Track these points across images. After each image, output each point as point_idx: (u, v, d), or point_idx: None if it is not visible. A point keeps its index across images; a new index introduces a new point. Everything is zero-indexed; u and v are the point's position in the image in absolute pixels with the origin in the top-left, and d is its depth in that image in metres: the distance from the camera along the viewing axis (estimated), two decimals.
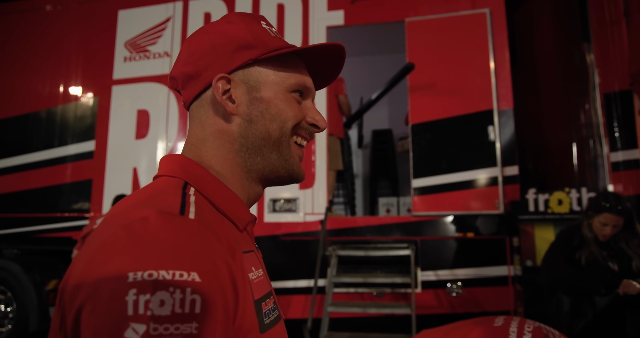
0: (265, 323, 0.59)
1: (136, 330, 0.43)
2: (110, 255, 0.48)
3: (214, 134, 0.70)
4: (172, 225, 0.52)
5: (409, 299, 3.65)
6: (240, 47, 0.69)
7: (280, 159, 0.71)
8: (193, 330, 0.45)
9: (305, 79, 0.74)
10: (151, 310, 0.44)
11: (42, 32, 5.09)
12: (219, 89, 0.68)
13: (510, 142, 3.80)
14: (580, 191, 3.54)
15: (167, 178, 0.66)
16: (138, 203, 0.57)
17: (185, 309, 0.45)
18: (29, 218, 4.71)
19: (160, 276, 0.46)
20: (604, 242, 2.54)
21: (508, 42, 3.96)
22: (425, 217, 3.82)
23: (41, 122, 4.89)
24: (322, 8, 4.40)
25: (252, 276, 0.60)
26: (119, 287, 0.45)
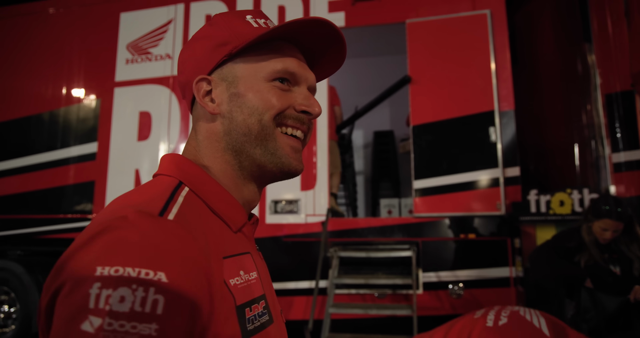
0: (249, 329, 0.58)
1: (92, 323, 0.43)
2: (86, 249, 0.49)
3: (204, 135, 0.71)
4: (147, 225, 0.52)
5: (410, 300, 3.65)
6: (217, 45, 0.69)
7: (266, 154, 0.68)
8: (152, 332, 0.44)
9: (288, 64, 0.70)
10: (110, 305, 0.44)
11: (45, 35, 5.11)
12: (199, 91, 0.69)
13: (511, 143, 3.79)
14: (582, 192, 3.53)
15: (163, 178, 0.66)
16: (125, 202, 0.57)
17: (146, 308, 0.45)
18: (31, 220, 4.73)
19: (126, 273, 0.46)
20: (605, 245, 2.54)
21: (509, 43, 3.96)
22: (427, 218, 3.82)
23: (44, 124, 4.92)
24: (323, 10, 4.40)
25: (235, 282, 0.59)
26: (86, 280, 0.46)
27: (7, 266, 4.39)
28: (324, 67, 0.80)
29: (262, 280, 0.67)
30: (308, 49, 0.75)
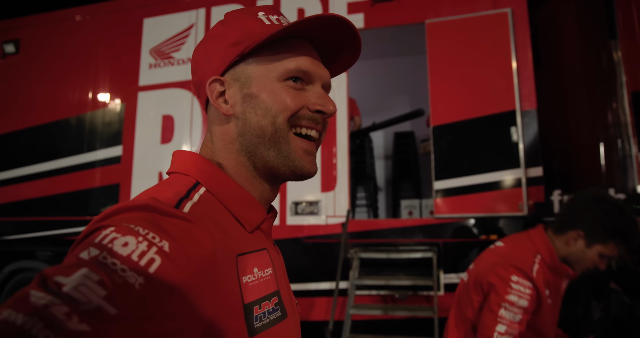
0: (256, 326, 0.58)
1: (90, 252, 0.46)
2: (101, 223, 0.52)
3: (218, 136, 0.71)
4: (160, 209, 0.54)
5: (431, 302, 3.63)
6: (229, 45, 0.68)
7: (279, 157, 0.68)
8: (136, 284, 0.44)
9: (302, 63, 0.68)
10: (112, 244, 0.46)
11: (72, 42, 5.26)
12: (212, 93, 0.69)
13: (533, 143, 3.74)
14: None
15: (180, 176, 0.67)
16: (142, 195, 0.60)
17: (142, 261, 0.46)
18: (60, 221, 4.86)
19: (136, 228, 0.49)
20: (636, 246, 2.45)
21: (531, 41, 3.90)
22: (448, 219, 3.79)
23: (71, 129, 5.06)
24: (342, 11, 4.42)
25: (247, 279, 0.59)
26: (103, 225, 0.50)
27: (37, 266, 4.53)
28: (339, 62, 0.78)
29: (276, 275, 0.67)
30: (322, 45, 0.73)
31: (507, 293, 1.52)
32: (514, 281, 1.53)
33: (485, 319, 1.55)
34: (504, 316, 1.50)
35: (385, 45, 5.96)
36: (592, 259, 1.58)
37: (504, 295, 1.52)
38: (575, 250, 1.60)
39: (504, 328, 1.48)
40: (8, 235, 4.98)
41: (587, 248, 1.57)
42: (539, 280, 1.55)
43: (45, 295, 0.40)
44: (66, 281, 0.42)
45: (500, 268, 1.58)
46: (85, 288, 0.42)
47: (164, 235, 0.50)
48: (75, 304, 0.40)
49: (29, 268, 4.58)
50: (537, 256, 1.60)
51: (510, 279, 1.54)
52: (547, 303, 1.60)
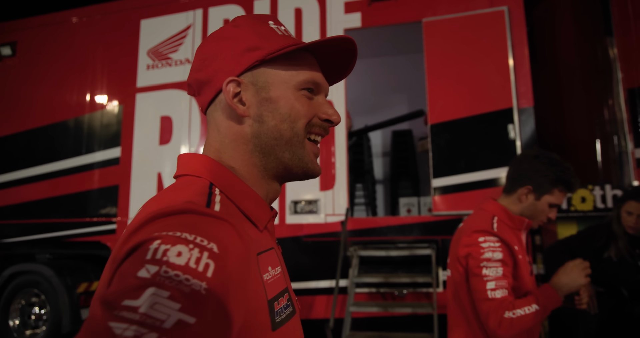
0: (277, 321, 0.61)
1: (149, 270, 0.46)
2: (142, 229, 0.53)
3: (230, 136, 0.72)
4: (199, 211, 0.56)
5: (430, 298, 3.65)
6: (247, 49, 0.71)
7: (294, 159, 0.72)
8: (202, 290, 0.46)
9: (314, 75, 0.74)
10: (167, 257, 0.47)
11: (69, 44, 5.26)
12: (229, 93, 0.70)
13: (530, 140, 3.76)
14: (604, 189, 3.49)
15: (193, 178, 0.68)
16: (166, 200, 0.60)
17: (199, 267, 0.48)
18: (59, 223, 4.87)
19: (183, 236, 0.50)
20: (637, 239, 2.45)
21: (527, 39, 3.92)
22: (446, 216, 3.82)
23: (69, 131, 5.06)
24: (339, 11, 4.44)
25: (267, 277, 0.62)
26: (147, 239, 0.50)
27: (37, 269, 4.53)
28: (329, 76, 0.83)
29: (283, 272, 0.70)
30: (321, 58, 0.78)
31: (481, 253, 1.61)
32: (482, 241, 1.63)
33: (475, 285, 1.61)
34: (488, 274, 1.58)
35: (382, 44, 5.97)
36: (544, 210, 1.72)
37: (479, 256, 1.61)
38: (528, 204, 1.73)
39: (493, 284, 1.56)
40: (8, 238, 4.99)
41: (537, 200, 1.72)
42: (502, 234, 1.66)
43: (128, 325, 0.41)
44: (139, 303, 0.43)
45: (465, 238, 1.69)
46: (160, 306, 0.43)
47: (209, 237, 0.52)
48: (159, 324, 0.42)
49: (29, 270, 4.58)
50: (494, 218, 1.72)
51: (477, 241, 1.64)
52: (519, 259, 1.68)
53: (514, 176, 1.78)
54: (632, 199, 2.40)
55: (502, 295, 1.55)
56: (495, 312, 1.53)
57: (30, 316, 4.58)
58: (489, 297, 1.55)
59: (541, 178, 1.69)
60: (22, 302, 4.60)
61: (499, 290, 1.55)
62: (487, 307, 1.55)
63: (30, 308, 4.59)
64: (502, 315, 1.52)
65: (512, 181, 1.78)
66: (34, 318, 4.57)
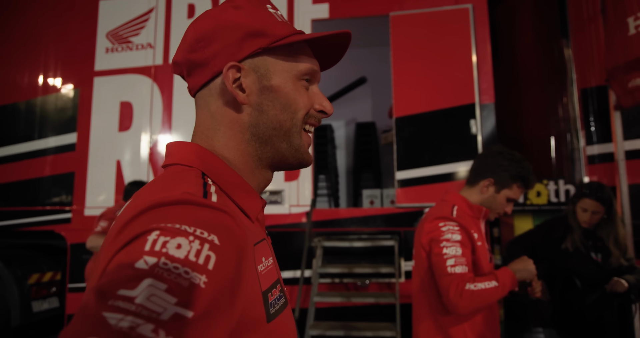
0: (271, 312, 0.60)
1: (147, 261, 0.44)
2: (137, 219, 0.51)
3: (225, 124, 0.70)
4: (198, 202, 0.54)
5: (393, 289, 3.73)
6: (249, 34, 0.68)
7: (291, 149, 0.71)
8: (201, 283, 0.45)
9: (313, 65, 0.73)
10: (167, 249, 0.46)
11: (21, 22, 4.97)
12: (229, 78, 0.67)
13: (491, 135, 3.89)
14: (557, 183, 3.66)
15: (184, 168, 0.66)
16: (161, 189, 0.58)
17: (200, 260, 0.47)
18: (9, 212, 4.64)
19: (183, 228, 0.49)
20: (590, 232, 2.57)
21: (490, 37, 4.04)
22: (409, 208, 3.90)
23: (20, 114, 4.81)
24: (307, 1, 4.41)
25: (260, 268, 0.62)
26: (146, 229, 0.48)
27: None
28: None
29: (275, 264, 0.70)
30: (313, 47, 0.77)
31: (441, 235, 1.71)
32: (442, 225, 1.73)
33: (435, 264, 1.69)
34: (447, 253, 1.67)
35: None
36: (502, 203, 1.83)
37: (440, 237, 1.70)
38: (487, 196, 1.84)
39: (452, 260, 1.64)
40: None
41: (496, 193, 1.83)
42: (461, 220, 1.76)
43: (123, 315, 0.39)
44: (135, 294, 0.41)
45: (427, 225, 1.79)
46: (157, 298, 0.42)
47: (210, 228, 0.50)
48: (155, 316, 0.40)
49: None
50: (454, 207, 1.82)
51: (438, 226, 1.74)
52: (477, 246, 1.78)
53: (477, 169, 1.88)
54: (586, 197, 2.54)
55: (462, 271, 1.63)
56: (455, 285, 1.60)
57: None
58: (449, 272, 1.63)
59: (503, 173, 1.79)
60: None
61: (458, 266, 1.63)
62: (448, 281, 1.62)
63: None
64: (463, 287, 1.59)
65: (475, 174, 1.88)
66: None
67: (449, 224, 1.73)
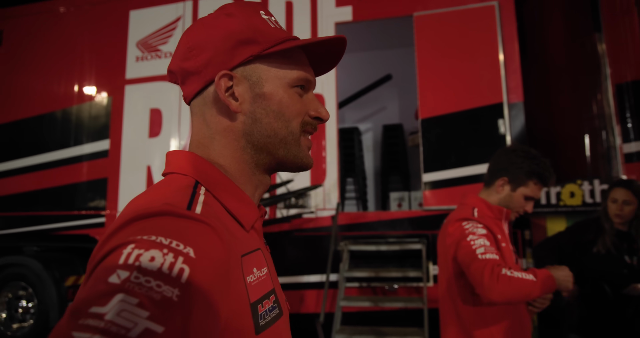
0: (261, 324, 0.60)
1: (119, 275, 0.44)
2: (119, 232, 0.52)
3: (220, 132, 0.70)
4: (177, 214, 0.54)
5: (421, 293, 3.67)
6: (241, 42, 0.67)
7: (288, 155, 0.71)
8: (174, 297, 0.45)
9: (307, 72, 0.72)
10: (139, 262, 0.46)
11: (57, 34, 5.18)
12: (221, 87, 0.67)
13: (520, 135, 3.78)
14: (592, 183, 3.52)
15: (179, 176, 0.66)
16: (148, 200, 0.58)
17: (173, 273, 0.46)
18: (47, 216, 4.82)
19: (158, 240, 0.48)
20: (625, 233, 2.43)
21: (517, 34, 3.93)
22: (437, 211, 3.83)
23: (57, 123, 5.00)
24: (331, 4, 4.41)
25: (250, 279, 0.61)
26: (122, 242, 0.49)
27: (25, 262, 4.48)
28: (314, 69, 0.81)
29: (271, 273, 0.69)
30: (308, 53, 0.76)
31: (467, 233, 1.66)
32: (465, 225, 1.70)
33: (465, 255, 1.62)
34: (477, 243, 1.62)
35: (373, 37, 5.96)
36: (519, 201, 1.78)
37: (466, 237, 1.66)
38: (504, 196, 1.80)
39: (482, 249, 1.59)
40: None
41: (512, 192, 1.79)
42: (483, 220, 1.72)
43: (91, 334, 0.40)
44: (106, 310, 0.41)
45: (450, 228, 1.76)
46: (127, 313, 0.41)
47: (186, 240, 0.50)
48: (124, 332, 0.40)
49: (16, 263, 4.53)
50: (474, 210, 1.78)
51: (461, 226, 1.71)
52: (501, 247, 1.73)
53: (492, 169, 1.86)
54: (618, 186, 2.43)
55: (494, 258, 1.55)
56: (490, 268, 1.52)
57: (18, 309, 4.54)
58: (480, 258, 1.56)
59: (516, 170, 1.76)
60: (9, 295, 4.55)
61: (489, 254, 1.57)
62: (482, 265, 1.53)
63: (18, 302, 4.54)
64: (499, 271, 1.50)
65: (490, 174, 1.86)
66: (21, 311, 4.53)
67: (472, 224, 1.70)
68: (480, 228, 1.67)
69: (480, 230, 1.66)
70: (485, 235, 1.65)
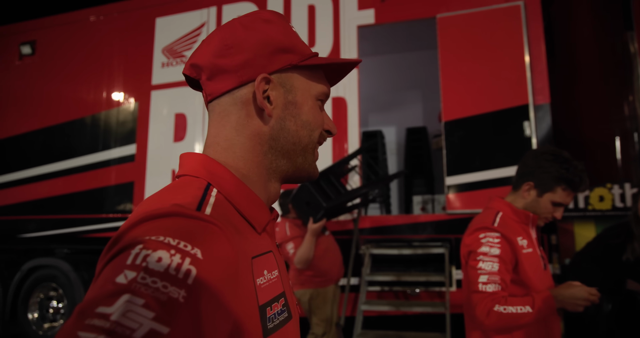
0: (269, 327, 0.60)
1: (126, 276, 0.45)
2: (130, 231, 0.52)
3: (246, 135, 0.70)
4: (187, 214, 0.55)
5: (443, 298, 3.62)
6: (280, 49, 0.69)
7: (305, 164, 0.73)
8: (180, 298, 0.45)
9: (328, 88, 0.76)
10: (146, 263, 0.46)
11: (86, 42, 5.34)
12: (260, 89, 0.68)
13: (547, 137, 3.69)
14: (623, 187, 3.40)
15: (191, 178, 0.66)
16: (159, 200, 0.59)
17: (179, 274, 0.46)
18: (76, 219, 4.95)
19: (166, 240, 0.49)
20: None
21: (544, 34, 3.84)
22: (460, 215, 3.77)
23: (86, 128, 5.14)
24: (353, 8, 4.41)
25: (260, 281, 0.61)
26: (131, 243, 0.49)
27: (55, 264, 4.63)
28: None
29: (282, 276, 0.69)
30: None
31: (479, 247, 1.63)
32: (482, 237, 1.65)
33: (469, 277, 1.63)
34: (482, 267, 1.59)
35: (396, 40, 5.93)
36: (546, 207, 1.71)
37: (477, 250, 1.63)
38: (530, 201, 1.73)
39: (485, 277, 1.57)
40: (27, 233, 5.09)
41: (539, 197, 1.71)
42: (503, 229, 1.65)
43: (96, 334, 0.40)
44: (112, 311, 0.42)
45: (466, 237, 1.72)
46: (133, 314, 0.42)
47: (194, 241, 0.50)
48: (129, 333, 0.41)
49: (47, 265, 4.67)
50: (498, 214, 1.72)
51: (478, 237, 1.66)
52: (524, 254, 1.67)
53: (519, 172, 1.78)
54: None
55: (494, 290, 1.55)
56: (483, 303, 1.54)
57: (49, 309, 4.68)
58: (479, 289, 1.57)
59: (543, 175, 1.68)
60: (41, 295, 4.70)
61: (490, 285, 1.56)
62: (478, 298, 1.56)
63: (49, 302, 4.69)
64: (491, 307, 1.53)
65: (517, 177, 1.79)
66: (52, 311, 4.67)
67: (489, 236, 1.64)
68: (496, 246, 1.62)
69: (494, 249, 1.61)
70: (497, 256, 1.60)
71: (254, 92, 0.69)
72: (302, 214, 3.28)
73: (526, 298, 1.57)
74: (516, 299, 1.56)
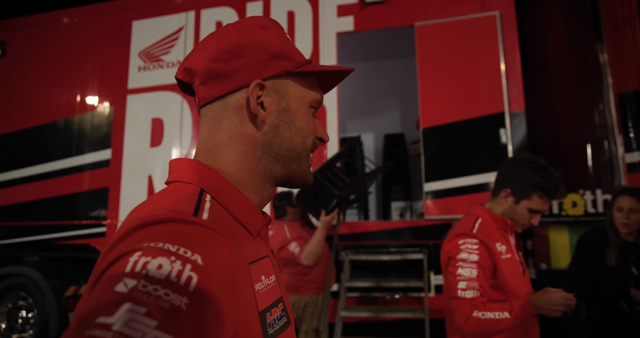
0: (270, 333, 0.59)
1: (126, 284, 0.44)
2: (126, 238, 0.51)
3: (239, 140, 0.69)
4: (185, 220, 0.54)
5: (422, 303, 3.64)
6: (275, 55, 0.69)
7: (299, 170, 0.73)
8: (182, 305, 0.44)
9: (321, 95, 0.77)
10: (147, 270, 0.45)
11: (60, 44, 5.22)
12: (254, 95, 0.67)
13: (522, 144, 3.77)
14: (594, 193, 3.50)
15: (183, 184, 0.65)
16: (153, 207, 0.58)
17: (181, 281, 0.45)
18: (48, 226, 4.81)
19: (166, 247, 0.48)
20: (632, 244, 2.39)
21: (519, 44, 3.94)
22: (438, 221, 3.81)
23: (59, 132, 5.01)
24: (332, 14, 4.43)
25: (259, 287, 0.60)
26: (129, 250, 0.48)
27: (25, 272, 4.47)
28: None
29: (278, 281, 0.69)
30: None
31: (458, 253, 1.66)
32: (460, 243, 1.68)
33: (448, 282, 1.66)
34: (461, 273, 1.62)
35: (375, 47, 5.98)
36: (523, 214, 1.73)
37: (456, 256, 1.66)
38: (508, 207, 1.76)
39: (464, 284, 1.60)
40: None
41: (516, 204, 1.74)
42: (482, 235, 1.69)
43: None
44: (113, 321, 0.41)
45: (446, 244, 1.75)
46: (135, 323, 0.41)
47: (194, 247, 0.49)
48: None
49: (16, 273, 4.52)
50: (477, 220, 1.75)
51: (457, 244, 1.69)
52: (503, 259, 1.70)
53: (498, 179, 1.82)
54: (623, 194, 2.39)
55: (473, 296, 1.58)
56: (462, 309, 1.57)
57: (17, 320, 4.52)
58: (459, 295, 1.60)
59: (520, 182, 1.71)
60: (9, 305, 4.53)
61: (469, 291, 1.59)
62: (456, 304, 1.59)
63: (17, 312, 4.53)
64: (469, 313, 1.55)
65: (496, 184, 1.82)
66: (21, 321, 4.51)
67: (468, 242, 1.67)
68: (474, 252, 1.64)
69: (472, 256, 1.64)
70: (476, 262, 1.62)
71: (247, 98, 0.69)
72: (312, 208, 3.27)
73: (504, 304, 1.60)
74: (494, 305, 1.59)
